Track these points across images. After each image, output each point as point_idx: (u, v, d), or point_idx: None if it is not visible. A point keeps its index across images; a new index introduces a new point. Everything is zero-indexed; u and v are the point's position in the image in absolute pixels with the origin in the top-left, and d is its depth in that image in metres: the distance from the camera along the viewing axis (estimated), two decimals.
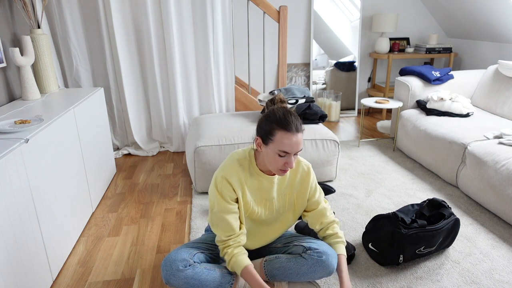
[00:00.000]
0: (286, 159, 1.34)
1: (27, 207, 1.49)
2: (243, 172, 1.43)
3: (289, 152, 1.32)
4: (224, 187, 1.40)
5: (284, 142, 1.31)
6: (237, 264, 1.40)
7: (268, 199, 1.50)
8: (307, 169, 1.54)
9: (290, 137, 1.31)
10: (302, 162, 1.54)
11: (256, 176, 1.45)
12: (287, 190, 1.53)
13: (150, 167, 3.00)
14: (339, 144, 2.54)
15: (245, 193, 1.45)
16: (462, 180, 2.42)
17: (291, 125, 1.31)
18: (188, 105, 3.23)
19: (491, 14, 3.37)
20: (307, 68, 4.21)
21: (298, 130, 1.33)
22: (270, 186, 1.48)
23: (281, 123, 1.31)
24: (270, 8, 3.22)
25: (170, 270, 1.39)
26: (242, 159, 1.45)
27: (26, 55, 2.20)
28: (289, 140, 1.31)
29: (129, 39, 2.99)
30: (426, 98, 3.14)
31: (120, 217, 2.25)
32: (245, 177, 1.44)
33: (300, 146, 1.34)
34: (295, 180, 1.53)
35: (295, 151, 1.33)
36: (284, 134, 1.31)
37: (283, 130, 1.31)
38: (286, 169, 1.36)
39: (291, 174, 1.52)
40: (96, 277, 1.73)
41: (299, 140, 1.33)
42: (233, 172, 1.41)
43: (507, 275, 1.69)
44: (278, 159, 1.34)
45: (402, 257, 1.69)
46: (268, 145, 1.35)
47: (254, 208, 1.49)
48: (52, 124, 1.78)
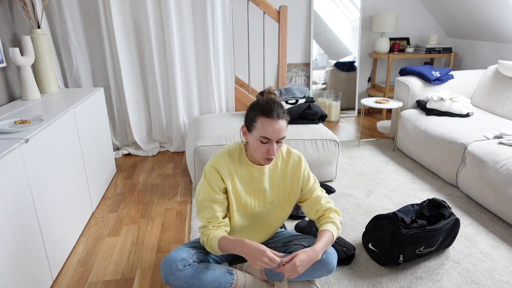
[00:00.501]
0: (268, 146, 1.36)
1: (27, 207, 1.49)
2: (233, 162, 1.46)
3: (270, 138, 1.34)
4: (212, 176, 1.43)
5: (265, 129, 1.33)
6: (214, 238, 1.38)
7: (260, 190, 1.51)
8: (298, 159, 1.54)
9: (271, 123, 1.33)
10: (293, 152, 1.55)
11: (246, 166, 1.47)
12: (280, 182, 1.53)
13: (150, 167, 3.00)
14: (339, 144, 2.54)
15: (234, 183, 1.46)
16: (462, 180, 2.42)
17: (273, 112, 1.33)
18: (188, 105, 3.23)
19: (491, 14, 3.37)
20: (307, 68, 4.21)
21: (279, 117, 1.34)
22: (261, 176, 1.49)
23: (262, 110, 1.34)
24: (270, 8, 3.22)
25: (169, 270, 1.39)
26: (233, 150, 1.48)
27: (26, 55, 2.20)
28: (270, 126, 1.33)
29: (129, 39, 2.99)
30: (426, 98, 3.14)
31: (120, 217, 2.25)
32: (234, 167, 1.46)
33: (281, 133, 1.35)
34: (286, 171, 1.53)
35: (276, 138, 1.35)
36: (265, 120, 1.33)
37: (264, 117, 1.34)
38: (270, 157, 1.38)
39: (282, 166, 1.53)
40: (96, 277, 1.73)
41: (281, 127, 1.34)
42: (222, 162, 1.44)
43: (507, 275, 1.69)
44: (261, 146, 1.36)
45: (402, 257, 1.69)
46: (252, 133, 1.38)
47: (247, 200, 1.49)
48: (52, 124, 1.78)
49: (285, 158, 1.53)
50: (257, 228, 1.58)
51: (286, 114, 1.38)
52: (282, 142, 1.40)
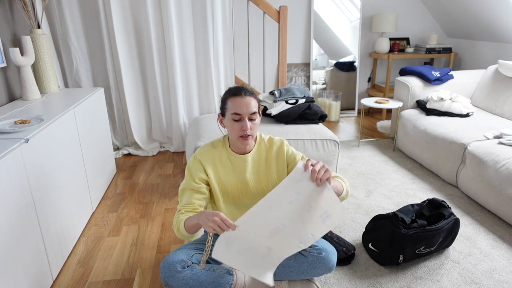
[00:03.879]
0: (241, 123, 1.41)
1: (27, 207, 1.49)
2: (216, 152, 1.52)
3: (241, 113, 1.40)
4: (194, 166, 1.49)
5: (234, 106, 1.40)
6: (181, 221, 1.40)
7: (245, 180, 1.53)
8: (280, 143, 1.57)
9: (239, 99, 1.40)
10: (274, 139, 1.58)
11: (229, 157, 1.52)
12: (266, 171, 1.55)
13: (150, 167, 3.00)
14: (339, 144, 2.54)
15: (218, 173, 1.51)
16: (462, 180, 2.42)
17: (240, 91, 1.42)
18: (188, 105, 3.23)
19: (491, 14, 3.37)
20: (307, 68, 4.21)
21: (246, 94, 1.42)
22: (244, 165, 1.52)
23: (230, 92, 1.45)
24: (270, 8, 3.22)
25: (168, 271, 1.38)
26: (216, 142, 1.55)
27: (26, 55, 2.20)
28: (238, 103, 1.40)
29: (129, 39, 2.99)
30: (426, 98, 3.14)
31: (120, 217, 2.25)
32: (219, 157, 1.52)
33: (251, 108, 1.41)
34: (270, 158, 1.55)
35: (247, 113, 1.40)
36: (233, 99, 1.42)
37: (232, 96, 1.42)
38: (245, 134, 1.42)
39: (265, 154, 1.55)
40: (96, 277, 1.73)
41: (248, 102, 1.41)
42: (205, 153, 1.51)
43: (507, 275, 1.69)
44: (234, 124, 1.42)
45: (402, 257, 1.69)
46: (226, 116, 1.45)
47: (233, 190, 1.53)
48: (52, 124, 1.78)
49: (267, 146, 1.57)
50: None
51: (254, 94, 1.46)
52: (256, 122, 1.44)
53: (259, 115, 1.48)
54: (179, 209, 1.48)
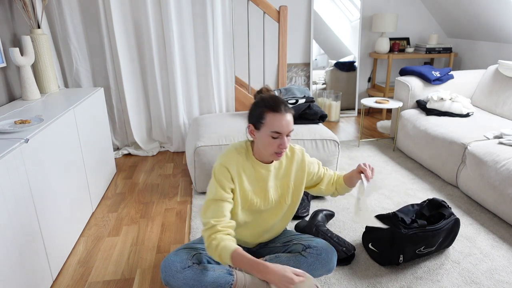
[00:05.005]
0: (279, 141, 1.37)
1: (27, 207, 1.49)
2: (241, 160, 1.45)
3: (281, 132, 1.36)
4: (222, 175, 1.41)
5: (275, 124, 1.35)
6: (225, 250, 1.28)
7: (266, 189, 1.51)
8: (301, 154, 1.56)
9: (280, 117, 1.35)
10: (295, 148, 1.57)
11: (253, 165, 1.47)
12: (284, 180, 1.54)
13: (150, 167, 3.00)
14: (339, 144, 2.54)
15: (242, 181, 1.45)
16: (462, 180, 2.42)
17: (280, 106, 1.36)
18: (188, 105, 3.23)
19: (491, 14, 3.37)
20: (307, 68, 4.21)
21: (286, 111, 1.37)
22: (267, 174, 1.49)
23: (270, 106, 1.36)
24: (270, 8, 3.21)
25: (169, 271, 1.38)
26: (240, 148, 1.48)
27: (26, 55, 2.20)
28: (279, 121, 1.35)
29: (129, 39, 2.99)
30: (426, 98, 3.14)
31: (120, 217, 2.25)
32: (243, 165, 1.45)
33: (290, 126, 1.38)
34: (291, 168, 1.54)
35: (287, 131, 1.37)
36: (273, 115, 1.35)
37: (273, 112, 1.35)
38: (281, 152, 1.39)
39: (287, 163, 1.54)
40: (96, 277, 1.73)
41: (289, 120, 1.37)
42: (231, 160, 1.43)
43: (507, 275, 1.69)
44: (271, 141, 1.37)
45: (402, 257, 1.69)
46: (261, 130, 1.38)
47: (253, 199, 1.49)
48: (52, 124, 1.78)
49: (289, 155, 1.55)
50: (258, 226, 1.58)
51: (290, 108, 1.41)
52: (290, 135, 1.42)
53: None
54: (213, 224, 1.33)
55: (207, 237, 1.34)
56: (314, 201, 2.36)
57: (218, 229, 1.33)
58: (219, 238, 1.31)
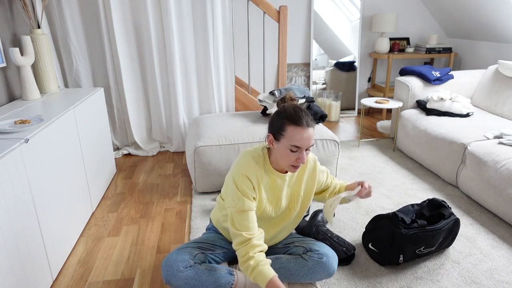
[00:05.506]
0: (298, 155, 1.34)
1: (27, 207, 1.49)
2: (259, 169, 1.42)
3: (301, 147, 1.33)
4: (245, 185, 1.38)
5: (295, 137, 1.32)
6: (263, 274, 1.29)
7: (279, 197, 1.50)
8: (314, 164, 1.56)
9: (301, 131, 1.32)
10: (309, 157, 1.55)
11: (270, 174, 1.45)
12: (295, 188, 1.53)
13: (150, 167, 3.00)
14: (339, 144, 2.54)
15: (260, 190, 1.43)
16: (462, 180, 2.42)
17: (302, 120, 1.32)
18: (188, 105, 3.23)
19: (491, 14, 3.37)
20: (307, 68, 4.21)
21: (308, 125, 1.33)
22: (282, 184, 1.48)
23: (291, 119, 1.33)
24: (270, 8, 3.21)
25: (170, 270, 1.39)
26: (257, 157, 1.44)
27: (26, 55, 2.20)
28: (300, 135, 1.32)
29: (129, 39, 2.99)
30: (426, 98, 3.14)
31: (120, 217, 2.25)
32: (260, 174, 1.43)
33: (311, 141, 1.35)
34: (303, 177, 1.53)
35: (307, 146, 1.34)
36: (295, 129, 1.32)
37: (294, 125, 1.32)
38: (298, 165, 1.37)
39: (299, 171, 1.53)
40: (96, 277, 1.73)
41: (310, 135, 1.34)
42: (250, 169, 1.40)
43: (507, 275, 1.69)
44: (290, 154, 1.34)
45: (402, 257, 1.69)
46: (280, 141, 1.36)
47: (266, 206, 1.48)
48: (52, 124, 1.78)
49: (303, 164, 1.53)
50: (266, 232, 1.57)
51: (313, 122, 1.37)
52: (310, 150, 1.40)
53: None
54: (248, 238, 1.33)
55: (244, 254, 1.32)
56: (314, 201, 2.36)
57: (254, 243, 1.32)
58: (257, 259, 1.30)
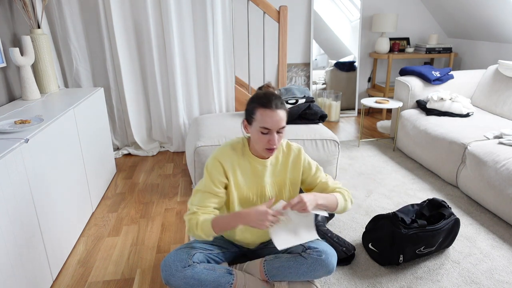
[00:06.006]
0: (269, 137, 1.38)
1: (27, 207, 1.49)
2: (236, 155, 1.47)
3: (271, 129, 1.36)
4: (214, 168, 1.44)
5: (264, 119, 1.35)
6: (206, 221, 1.37)
7: (262, 185, 1.51)
8: (298, 152, 1.56)
9: (270, 113, 1.35)
10: (292, 145, 1.56)
11: (249, 160, 1.49)
12: (281, 176, 1.54)
13: (150, 167, 3.00)
14: (339, 144, 2.53)
15: (236, 176, 1.47)
16: (462, 180, 2.42)
17: (271, 102, 1.36)
18: (188, 105, 3.23)
19: (491, 14, 3.37)
20: (307, 68, 4.21)
21: (277, 107, 1.36)
22: (263, 170, 1.50)
23: (260, 101, 1.37)
24: (270, 8, 3.21)
25: (169, 270, 1.39)
26: (236, 144, 1.50)
27: (26, 55, 2.20)
28: (269, 117, 1.35)
29: (129, 39, 2.99)
30: (426, 98, 3.14)
31: (120, 217, 2.25)
32: (238, 160, 1.47)
33: (281, 123, 1.37)
34: (287, 164, 1.54)
35: (276, 128, 1.37)
36: (264, 111, 1.36)
37: (263, 108, 1.36)
38: (271, 148, 1.39)
39: (283, 159, 1.54)
40: (96, 277, 1.73)
41: (279, 117, 1.36)
42: (225, 155, 1.46)
43: (507, 275, 1.69)
44: (262, 137, 1.38)
45: (402, 257, 1.69)
46: (252, 125, 1.40)
47: (249, 195, 1.50)
48: (52, 124, 1.78)
49: (285, 152, 1.55)
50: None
51: (284, 105, 1.40)
52: (283, 133, 1.41)
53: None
54: (194, 211, 1.41)
55: (188, 221, 1.42)
56: None
57: (198, 214, 1.41)
58: (197, 217, 1.40)
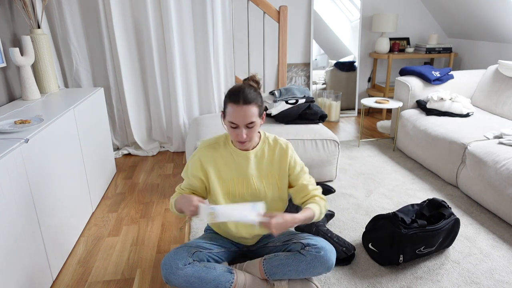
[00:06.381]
0: (237, 131, 1.40)
1: (27, 207, 1.49)
2: (218, 148, 1.52)
3: (237, 123, 1.38)
4: (193, 164, 1.53)
5: (232, 114, 1.38)
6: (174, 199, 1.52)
7: (246, 177, 1.52)
8: (285, 146, 1.56)
9: (236, 109, 1.36)
10: (280, 140, 1.57)
11: (231, 152, 1.52)
12: (269, 170, 1.55)
13: (150, 167, 3.00)
14: (339, 144, 2.54)
15: (218, 170, 1.51)
16: (462, 180, 2.42)
17: (239, 97, 1.36)
18: (188, 105, 3.23)
19: (491, 14, 3.37)
20: (307, 68, 4.21)
21: (246, 102, 1.37)
22: (246, 162, 1.51)
23: (230, 96, 1.39)
24: (270, 8, 3.22)
25: (170, 268, 1.39)
26: (219, 137, 1.55)
27: (26, 55, 2.20)
28: (236, 112, 1.37)
29: (129, 39, 2.99)
30: (426, 98, 3.14)
31: (120, 217, 2.25)
32: (220, 153, 1.52)
33: (247, 118, 1.38)
34: (274, 158, 1.55)
35: (243, 123, 1.38)
36: (231, 106, 1.38)
37: (231, 102, 1.38)
38: (241, 141, 1.42)
39: (269, 153, 1.55)
40: (96, 277, 1.73)
41: (246, 113, 1.36)
42: (207, 149, 1.52)
43: (507, 275, 1.69)
44: (232, 130, 1.42)
45: (402, 257, 1.69)
46: (225, 118, 1.44)
47: (234, 187, 1.52)
48: (52, 124, 1.78)
49: (272, 145, 1.56)
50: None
51: (257, 100, 1.40)
52: (254, 128, 1.41)
53: (260, 118, 1.45)
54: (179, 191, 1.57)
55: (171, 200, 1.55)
56: None
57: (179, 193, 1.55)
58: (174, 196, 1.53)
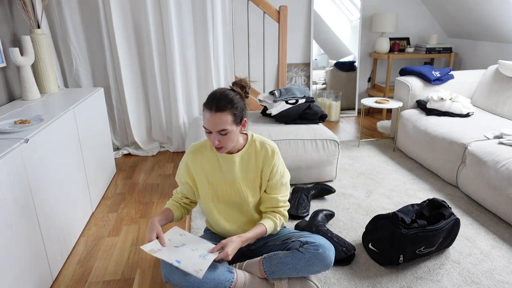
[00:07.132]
0: (211, 137, 1.41)
1: (27, 207, 1.49)
2: (204, 152, 1.55)
3: (210, 130, 1.39)
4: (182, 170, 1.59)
5: (205, 120, 1.40)
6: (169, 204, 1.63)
7: (232, 179, 1.54)
8: (271, 152, 1.54)
9: (208, 115, 1.38)
10: (267, 144, 1.56)
11: (217, 155, 1.54)
12: (254, 172, 1.55)
13: (150, 167, 3.00)
14: (339, 144, 2.54)
15: (205, 173, 1.55)
16: (462, 180, 2.42)
17: (212, 104, 1.37)
18: (188, 105, 3.23)
19: (491, 14, 3.37)
20: (307, 68, 4.21)
21: (217, 110, 1.36)
22: (231, 165, 1.52)
23: (206, 101, 1.41)
24: (270, 8, 3.22)
25: (170, 268, 1.39)
26: (207, 141, 1.57)
27: (26, 55, 2.20)
28: (207, 118, 1.39)
29: (129, 39, 2.99)
30: (426, 98, 3.14)
31: (120, 217, 2.25)
32: (207, 156, 1.55)
33: (219, 126, 1.37)
34: (259, 162, 1.55)
35: (214, 130, 1.38)
36: (205, 112, 1.40)
37: (205, 109, 1.40)
38: (217, 147, 1.43)
39: (256, 156, 1.55)
40: (96, 277, 1.73)
41: (217, 120, 1.36)
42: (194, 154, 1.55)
43: (507, 275, 1.69)
44: (207, 135, 1.43)
45: (402, 257, 1.69)
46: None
47: (222, 190, 1.54)
48: (52, 124, 1.78)
49: (258, 149, 1.55)
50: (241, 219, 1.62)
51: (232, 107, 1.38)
52: (228, 135, 1.40)
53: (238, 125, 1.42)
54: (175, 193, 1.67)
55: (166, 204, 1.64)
56: (314, 201, 2.36)
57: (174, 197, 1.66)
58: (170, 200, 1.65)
